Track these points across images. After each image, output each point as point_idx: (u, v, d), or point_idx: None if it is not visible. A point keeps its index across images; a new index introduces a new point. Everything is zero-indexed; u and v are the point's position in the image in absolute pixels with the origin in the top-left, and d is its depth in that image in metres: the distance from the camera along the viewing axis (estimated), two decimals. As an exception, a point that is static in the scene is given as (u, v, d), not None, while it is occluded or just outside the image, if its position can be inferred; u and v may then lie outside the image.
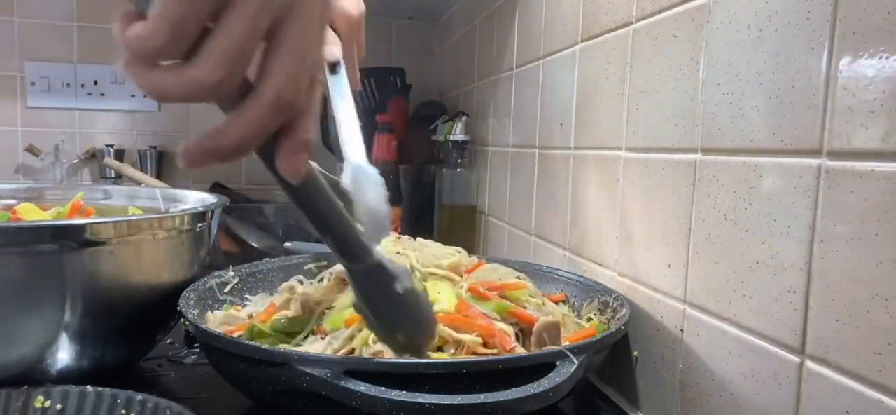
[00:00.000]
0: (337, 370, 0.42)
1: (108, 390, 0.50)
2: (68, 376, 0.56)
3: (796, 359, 0.40)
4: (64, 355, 0.56)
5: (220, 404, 0.58)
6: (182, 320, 0.54)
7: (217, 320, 0.61)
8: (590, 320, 0.62)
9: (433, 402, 0.40)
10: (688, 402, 0.52)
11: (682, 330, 0.53)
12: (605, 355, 0.55)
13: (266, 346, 0.50)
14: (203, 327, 0.52)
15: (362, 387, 0.41)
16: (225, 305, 0.66)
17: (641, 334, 0.59)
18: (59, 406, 0.50)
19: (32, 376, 0.54)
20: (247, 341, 0.51)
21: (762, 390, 0.43)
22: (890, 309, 0.34)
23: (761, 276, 0.43)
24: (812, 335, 0.39)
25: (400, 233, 0.80)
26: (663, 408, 0.55)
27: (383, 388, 0.41)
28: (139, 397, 0.49)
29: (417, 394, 0.40)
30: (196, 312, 0.59)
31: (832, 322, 0.38)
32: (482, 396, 0.41)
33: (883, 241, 0.34)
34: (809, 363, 0.39)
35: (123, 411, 0.49)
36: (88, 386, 0.50)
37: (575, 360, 0.45)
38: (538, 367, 0.45)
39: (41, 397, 0.50)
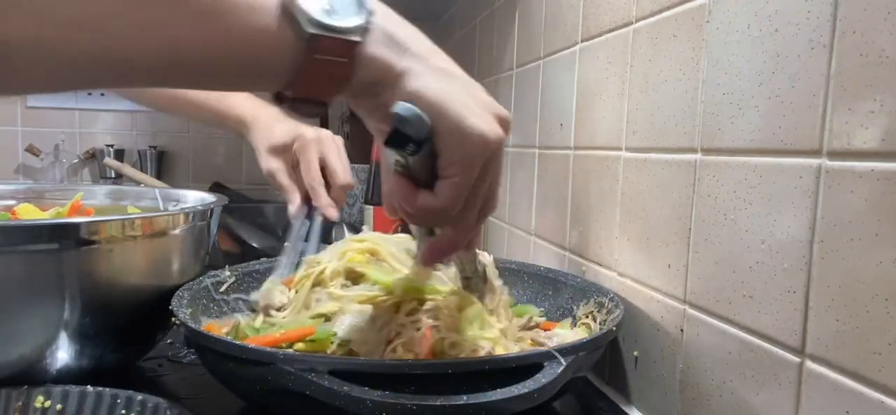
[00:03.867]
0: (321, 370, 0.42)
1: (107, 390, 0.50)
2: (68, 376, 0.56)
3: (796, 359, 0.40)
4: (63, 354, 0.56)
5: (220, 405, 0.57)
6: (173, 318, 0.54)
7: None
8: (589, 315, 0.62)
9: (416, 403, 0.40)
10: (688, 402, 0.52)
11: (682, 330, 0.53)
12: (597, 356, 0.55)
13: (253, 345, 0.49)
14: (193, 326, 0.51)
15: (346, 387, 0.41)
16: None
17: (641, 334, 0.59)
18: (59, 406, 0.50)
19: (32, 375, 0.54)
20: (232, 340, 0.50)
21: (762, 390, 0.43)
22: (890, 309, 0.34)
23: (761, 276, 0.43)
24: (812, 335, 0.39)
25: (399, 229, 0.79)
26: (663, 408, 0.55)
27: (367, 388, 0.41)
28: (139, 397, 0.49)
29: (401, 394, 0.40)
30: (188, 311, 0.58)
31: (832, 322, 0.37)
32: (465, 397, 0.40)
33: (883, 241, 0.34)
34: (809, 363, 0.39)
35: (123, 411, 0.49)
36: (88, 386, 0.51)
37: (563, 361, 0.45)
38: (525, 368, 0.44)
39: (41, 397, 0.50)
